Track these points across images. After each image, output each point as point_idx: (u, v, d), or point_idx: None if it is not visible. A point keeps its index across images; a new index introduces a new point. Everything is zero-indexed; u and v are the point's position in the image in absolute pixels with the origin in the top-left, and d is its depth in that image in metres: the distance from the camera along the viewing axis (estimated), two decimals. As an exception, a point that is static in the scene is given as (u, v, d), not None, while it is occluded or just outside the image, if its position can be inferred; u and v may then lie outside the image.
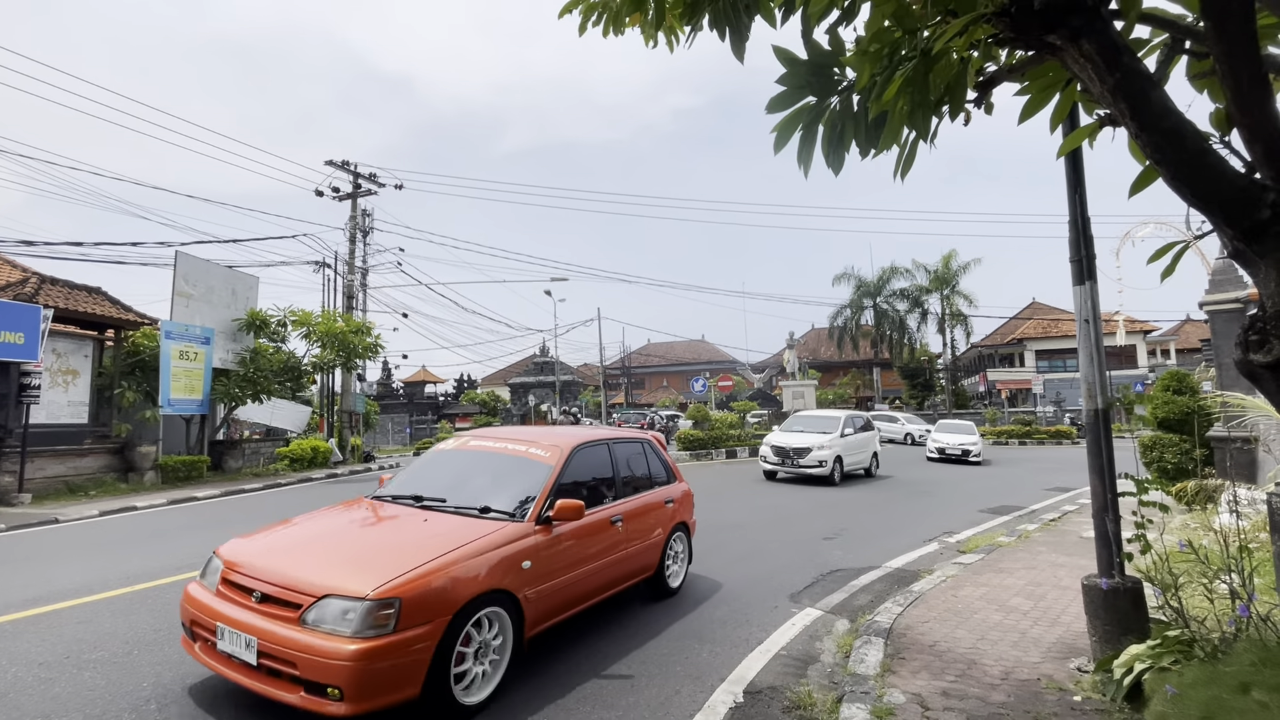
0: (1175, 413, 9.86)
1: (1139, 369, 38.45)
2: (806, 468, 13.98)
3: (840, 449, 14.40)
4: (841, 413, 16.81)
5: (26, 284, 13.56)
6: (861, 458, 15.56)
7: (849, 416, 16.18)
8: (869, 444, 16.21)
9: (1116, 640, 3.50)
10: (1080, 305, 3.95)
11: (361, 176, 23.51)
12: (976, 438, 19.91)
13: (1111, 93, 1.50)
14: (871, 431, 16.90)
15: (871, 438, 16.63)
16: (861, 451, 15.61)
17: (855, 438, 15.51)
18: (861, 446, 15.69)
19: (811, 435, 14.74)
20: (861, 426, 16.32)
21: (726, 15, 2.82)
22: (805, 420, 16.50)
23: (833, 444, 14.30)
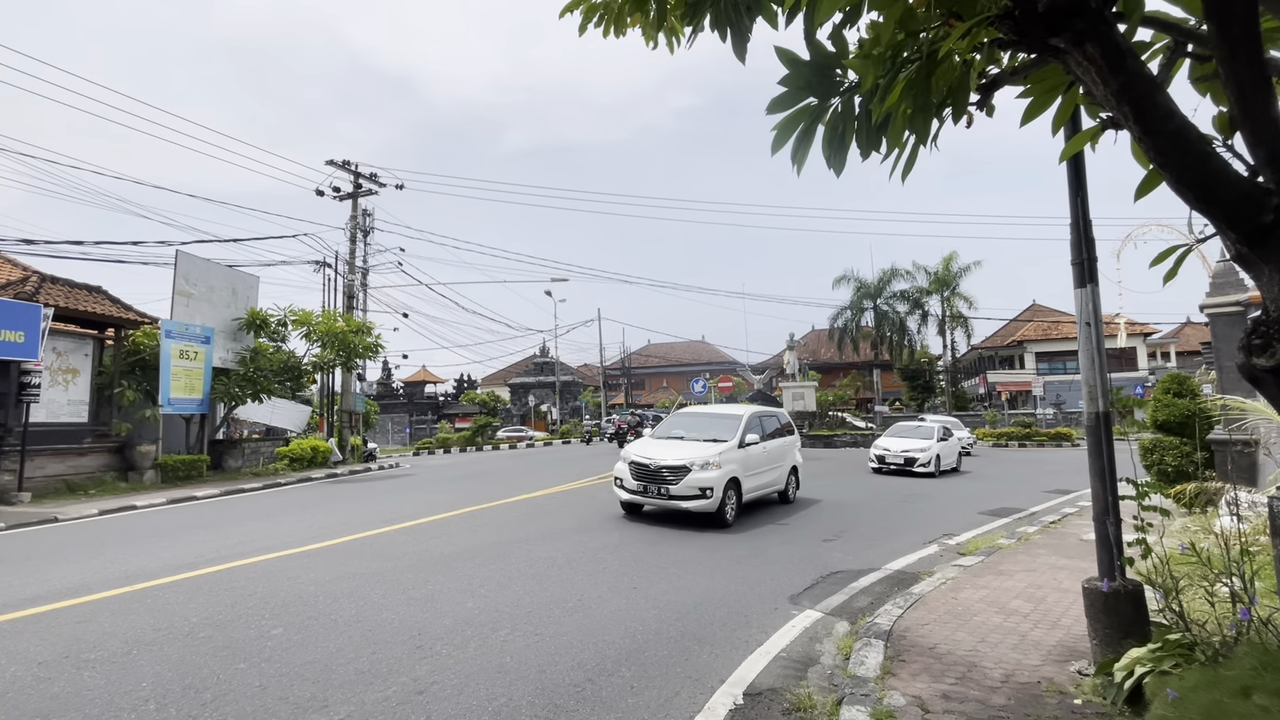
0: (1175, 415, 9.85)
1: (1139, 371, 38.47)
2: (681, 498, 8.96)
3: (737, 466, 9.46)
4: (743, 409, 11.59)
5: (27, 282, 13.57)
6: (772, 476, 10.73)
7: (753, 415, 10.88)
8: (784, 454, 11.26)
9: (1117, 643, 3.50)
10: (1082, 308, 3.95)
11: (362, 176, 23.52)
12: (928, 443, 16.82)
13: (1115, 96, 1.50)
14: (790, 437, 11.81)
15: (789, 445, 11.59)
16: (773, 468, 10.74)
17: (762, 447, 10.41)
18: (773, 459, 10.74)
19: (694, 446, 9.57)
20: (774, 431, 11.21)
21: (728, 16, 2.82)
22: (690, 420, 11.07)
23: (726, 459, 9.29)
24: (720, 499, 8.84)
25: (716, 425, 10.26)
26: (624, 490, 9.47)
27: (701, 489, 8.82)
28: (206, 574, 6.32)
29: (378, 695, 3.65)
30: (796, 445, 11.88)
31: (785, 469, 11.02)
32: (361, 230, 23.52)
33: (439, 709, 3.49)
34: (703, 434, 10.00)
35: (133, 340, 15.43)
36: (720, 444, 9.56)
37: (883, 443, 17.96)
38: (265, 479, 15.55)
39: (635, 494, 9.33)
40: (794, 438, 11.80)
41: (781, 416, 11.97)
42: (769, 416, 11.32)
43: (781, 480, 10.93)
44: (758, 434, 10.34)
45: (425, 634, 4.63)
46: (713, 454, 9.17)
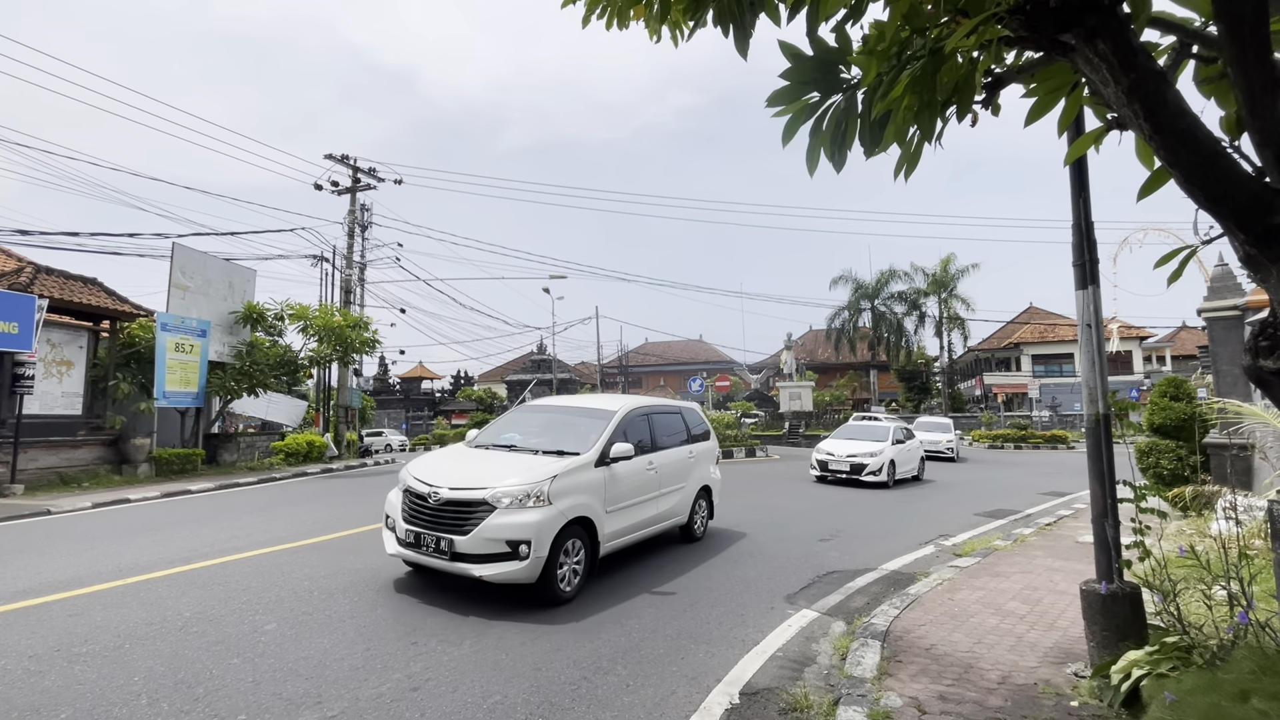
0: (1172, 419, 9.88)
1: (1135, 375, 38.60)
2: (471, 558, 6.68)
3: (589, 498, 7.69)
4: (619, 402, 9.37)
5: (21, 273, 13.48)
6: (665, 506, 9.69)
7: (633, 414, 8.69)
8: (687, 472, 9.98)
9: (1114, 646, 3.50)
10: (1083, 310, 3.94)
11: (361, 171, 23.43)
12: (880, 446, 14.21)
13: (1126, 94, 1.48)
14: (702, 446, 9.17)
15: (698, 459, 8.75)
16: (666, 494, 9.73)
17: (644, 463, 9.08)
18: (667, 481, 9.50)
19: (516, 464, 8.17)
20: (672, 438, 9.43)
21: (731, 11, 2.80)
22: (535, 418, 9.41)
23: (565, 487, 7.63)
24: (545, 559, 5.11)
25: (572, 427, 6.51)
26: (393, 537, 5.61)
27: (511, 543, 5.04)
28: (200, 568, 6.29)
29: (371, 692, 3.62)
30: (712, 457, 8.30)
31: (689, 493, 7.48)
32: (360, 225, 23.43)
33: (434, 706, 3.47)
34: (547, 441, 6.26)
35: (128, 333, 15.35)
36: (564, 459, 5.80)
37: (827, 446, 14.76)
38: (260, 473, 15.49)
39: (407, 546, 5.44)
40: (707, 446, 8.19)
41: (688, 415, 8.16)
42: (664, 415, 7.52)
43: (683, 509, 7.37)
44: (636, 442, 6.52)
45: (420, 630, 4.61)
46: (539, 478, 5.35)
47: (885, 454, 14.02)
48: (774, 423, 29.61)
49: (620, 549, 6.38)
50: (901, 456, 14.65)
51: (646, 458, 6.72)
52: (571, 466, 5.69)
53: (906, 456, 15.00)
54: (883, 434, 14.96)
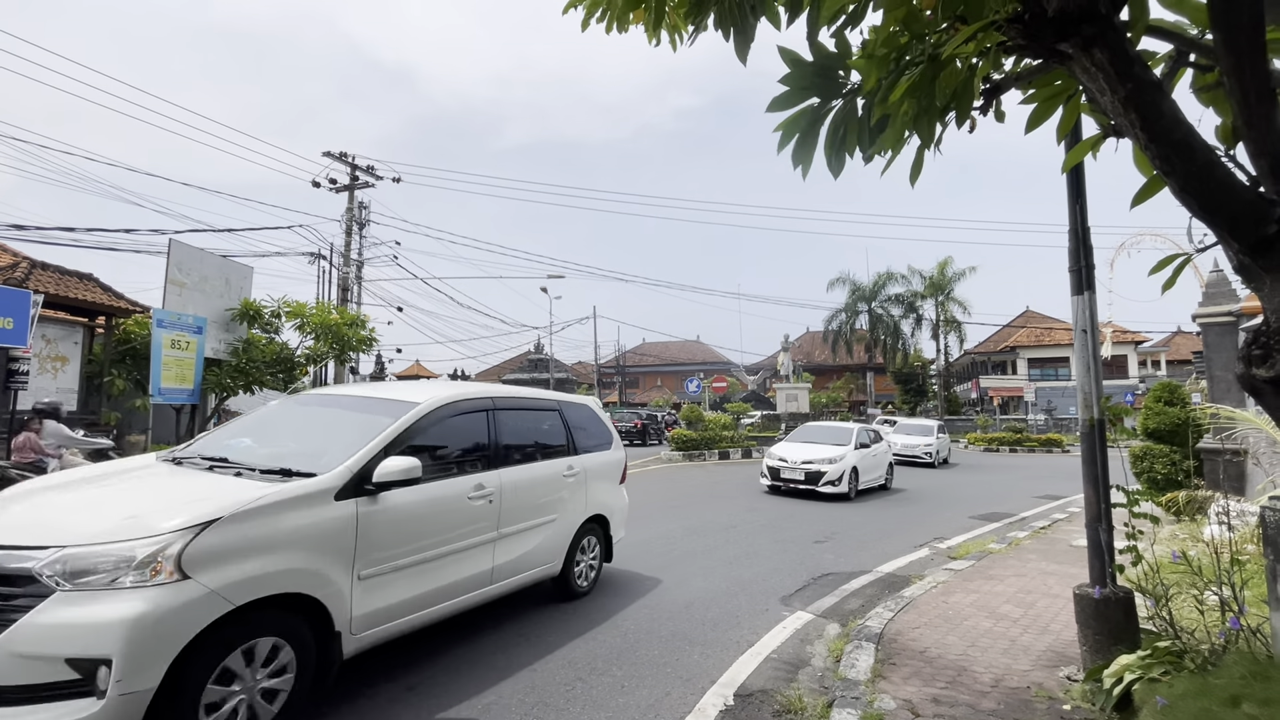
0: (1166, 424, 9.93)
1: (1130, 379, 38.76)
2: None
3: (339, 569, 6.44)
4: (418, 396, 7.78)
5: (17, 268, 13.43)
6: (526, 548, 9.36)
7: (435, 409, 6.52)
8: (557, 503, 9.92)
9: (1107, 650, 3.51)
10: (1078, 315, 3.96)
11: (359, 169, 23.39)
12: (840, 451, 12.43)
13: (1123, 103, 1.49)
14: (597, 459, 8.04)
15: (580, 481, 7.48)
16: (521, 531, 9.58)
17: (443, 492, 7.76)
18: (518, 517, 9.07)
19: None
20: (531, 448, 8.37)
21: (731, 15, 2.81)
22: None
23: None
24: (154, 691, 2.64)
25: (336, 430, 4.13)
26: None
27: (75, 663, 2.53)
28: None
29: (367, 691, 3.62)
30: (613, 475, 5.99)
31: (564, 530, 5.18)
32: (357, 223, 23.39)
33: (428, 706, 3.47)
34: (286, 452, 3.93)
35: (124, 329, 15.29)
36: (270, 486, 3.27)
37: (780, 450, 12.99)
38: (256, 471, 15.45)
39: None
40: (604, 459, 5.85)
41: (572, 412, 5.74)
42: (523, 412, 5.13)
43: (552, 555, 5.07)
44: (457, 454, 4.42)
45: (413, 633, 4.59)
46: (167, 528, 2.79)
47: (847, 460, 12.19)
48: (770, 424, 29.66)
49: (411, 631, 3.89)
50: (866, 463, 12.92)
51: (473, 479, 4.28)
52: (268, 502, 3.10)
53: (872, 463, 13.29)
54: (845, 436, 13.22)
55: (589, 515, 5.52)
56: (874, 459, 13.42)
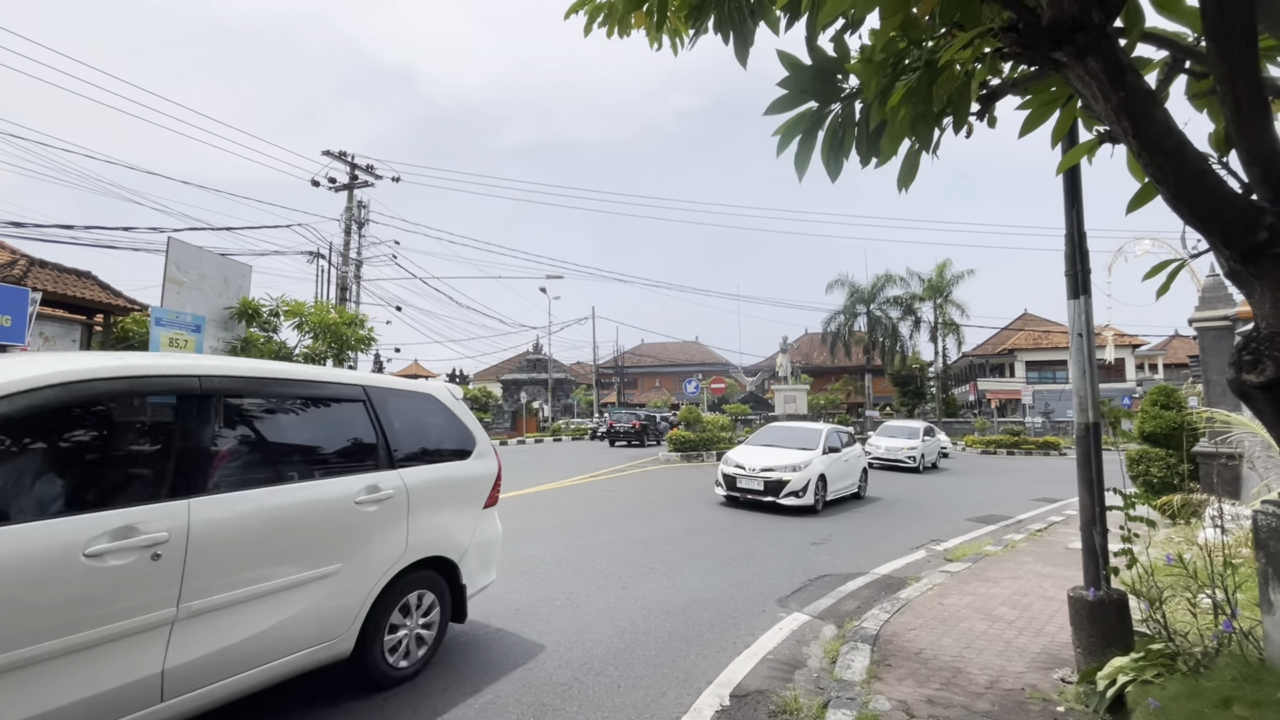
0: (1162, 427, 9.96)
1: (1127, 383, 38.87)
2: None
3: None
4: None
5: (15, 266, 13.41)
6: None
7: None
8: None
9: (1100, 652, 3.53)
10: (1074, 319, 3.98)
11: (359, 168, 23.39)
12: (807, 456, 11.03)
13: (1115, 111, 1.51)
14: (454, 469, 6.69)
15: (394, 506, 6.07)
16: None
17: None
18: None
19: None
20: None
21: (731, 19, 2.83)
22: None
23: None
24: None
25: None
26: None
27: None
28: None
29: (354, 689, 3.62)
30: (473, 499, 4.29)
31: (353, 589, 3.37)
32: (356, 222, 23.39)
33: (425, 705, 3.48)
34: None
35: (122, 327, 15.28)
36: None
37: (738, 455, 11.61)
38: (253, 470, 15.43)
39: None
40: (455, 473, 4.18)
41: (394, 403, 3.96)
42: (291, 400, 3.41)
43: (331, 629, 3.27)
44: None
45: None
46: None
47: (813, 466, 10.82)
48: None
49: None
50: (836, 469, 11.61)
51: (116, 518, 2.52)
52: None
53: (843, 469, 11.99)
54: (811, 439, 11.77)
55: (405, 564, 3.65)
56: (845, 465, 12.12)
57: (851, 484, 12.48)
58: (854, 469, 12.66)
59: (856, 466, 12.83)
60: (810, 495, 10.61)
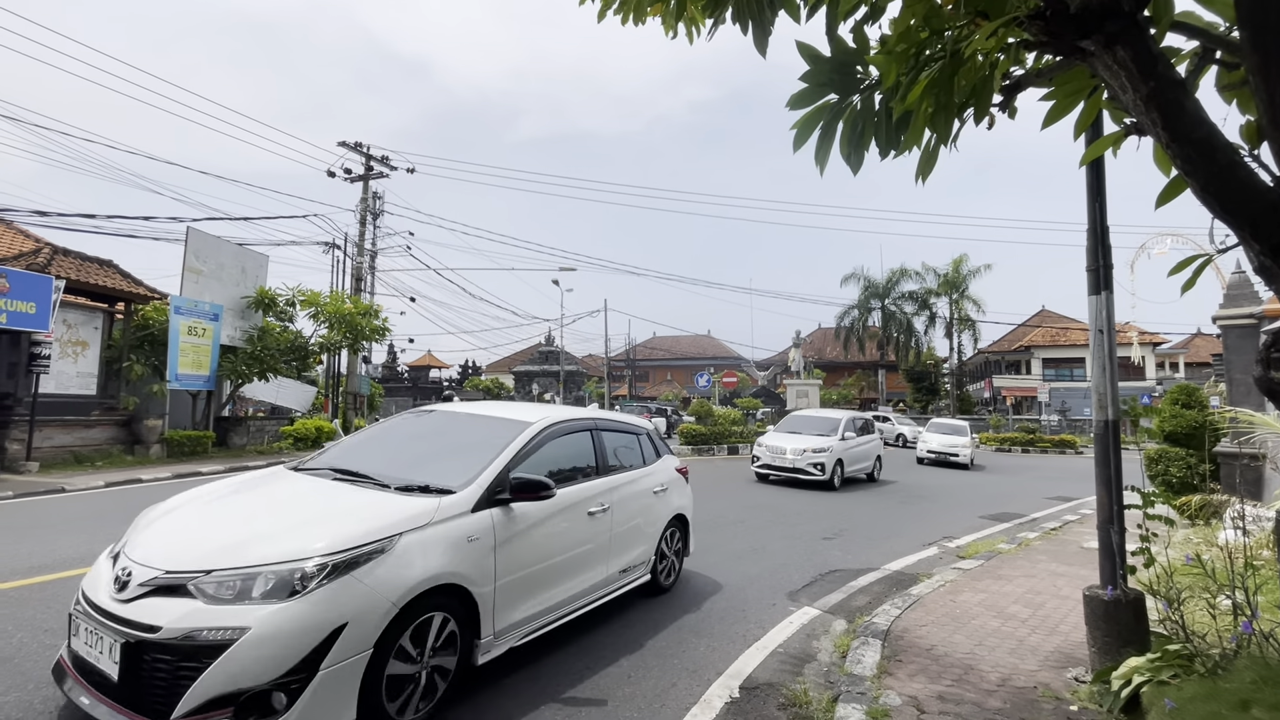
0: (1183, 426, 9.80)
1: (1147, 381, 38.24)
2: None
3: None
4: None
5: (39, 254, 13.65)
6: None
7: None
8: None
9: (1116, 652, 3.50)
10: (1095, 315, 3.92)
11: (374, 159, 23.50)
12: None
13: (1144, 101, 1.48)
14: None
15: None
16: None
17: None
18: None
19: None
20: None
21: (750, 8, 2.80)
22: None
23: None
24: None
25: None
26: None
27: None
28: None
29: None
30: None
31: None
32: (371, 213, 23.53)
33: (437, 690, 3.52)
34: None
35: (142, 315, 15.53)
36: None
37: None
38: (269, 457, 15.65)
39: None
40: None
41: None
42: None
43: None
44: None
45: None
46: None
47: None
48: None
49: None
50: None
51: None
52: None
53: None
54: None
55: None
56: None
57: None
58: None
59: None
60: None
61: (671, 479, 5.75)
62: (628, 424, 5.78)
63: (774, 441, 13.68)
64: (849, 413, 15.64)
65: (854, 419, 14.62)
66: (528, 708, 3.40)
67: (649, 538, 5.26)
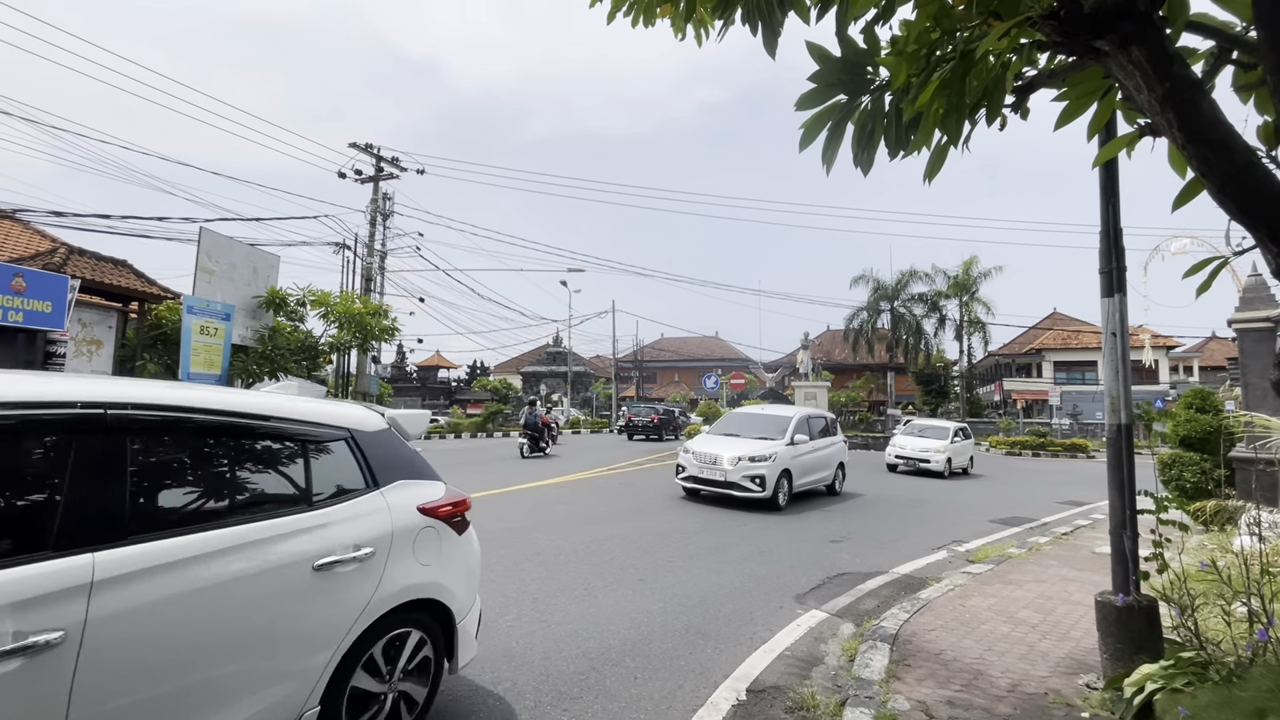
0: (1197, 431, 9.68)
1: (1161, 385, 37.81)
2: None
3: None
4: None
5: (55, 254, 13.83)
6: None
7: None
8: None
9: (1128, 659, 3.46)
10: (1108, 318, 3.88)
11: (384, 160, 23.66)
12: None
13: (1160, 102, 1.46)
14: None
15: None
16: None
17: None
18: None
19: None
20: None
21: (759, 9, 2.79)
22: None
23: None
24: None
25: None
26: None
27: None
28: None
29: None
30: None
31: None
32: (381, 214, 23.69)
33: (446, 686, 3.53)
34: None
35: (155, 314, 15.71)
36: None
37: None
38: (280, 456, 15.76)
39: None
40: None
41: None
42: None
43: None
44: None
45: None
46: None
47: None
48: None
49: None
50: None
51: None
52: None
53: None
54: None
55: None
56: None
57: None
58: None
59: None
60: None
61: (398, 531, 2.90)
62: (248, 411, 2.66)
63: (704, 447, 10.75)
64: (803, 410, 12.49)
65: (809, 417, 11.67)
66: (532, 707, 3.41)
67: None
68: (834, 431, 12.76)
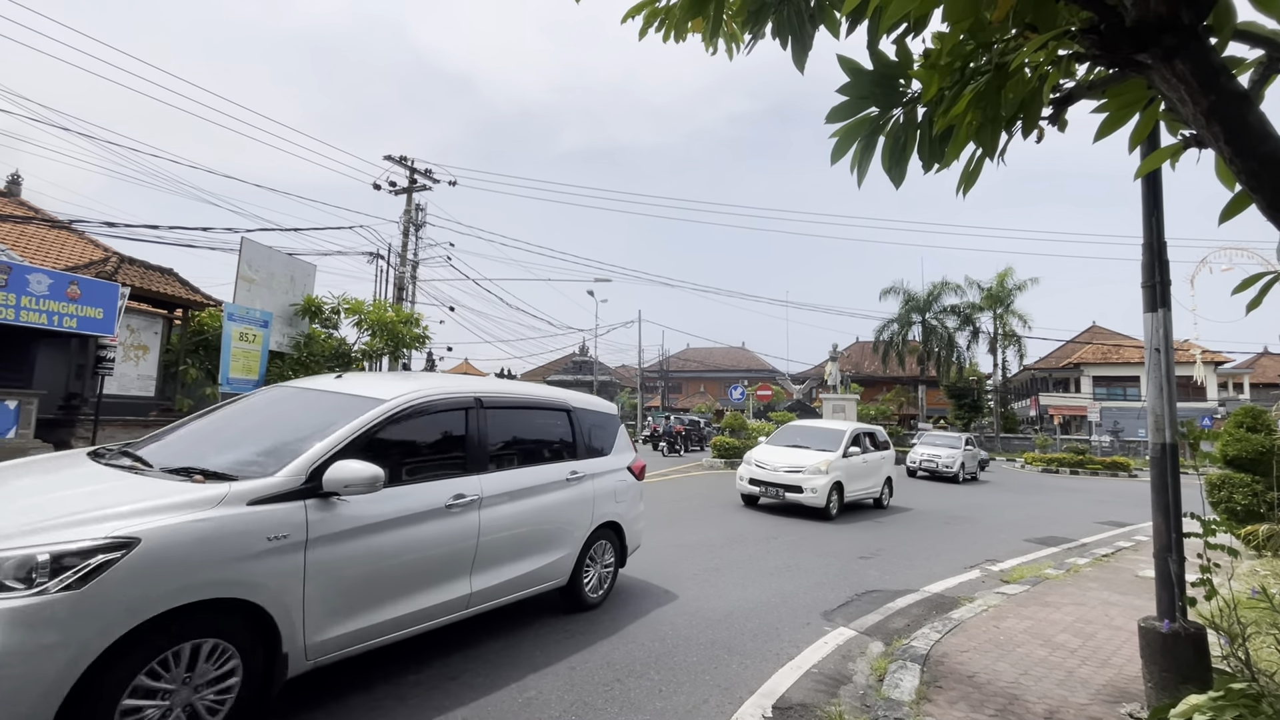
0: (1248, 451, 9.26)
1: (1208, 402, 36.30)
2: None
3: None
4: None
5: (107, 262, 14.47)
6: None
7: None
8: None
9: (1174, 688, 3.31)
10: (1151, 333, 3.76)
11: (418, 172, 24.20)
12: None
13: (1205, 115, 1.43)
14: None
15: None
16: None
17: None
18: None
19: None
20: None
21: (790, 24, 2.81)
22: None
23: None
24: None
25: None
26: None
27: None
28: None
29: (412, 678, 3.74)
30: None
31: None
32: (414, 224, 24.21)
33: (471, 696, 3.56)
34: None
35: (198, 321, 16.27)
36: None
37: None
38: (313, 460, 16.14)
39: None
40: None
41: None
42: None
43: None
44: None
45: (457, 624, 4.72)
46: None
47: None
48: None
49: None
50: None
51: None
52: None
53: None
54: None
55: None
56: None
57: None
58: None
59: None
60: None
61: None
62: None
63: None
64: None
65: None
66: (557, 717, 3.41)
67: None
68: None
